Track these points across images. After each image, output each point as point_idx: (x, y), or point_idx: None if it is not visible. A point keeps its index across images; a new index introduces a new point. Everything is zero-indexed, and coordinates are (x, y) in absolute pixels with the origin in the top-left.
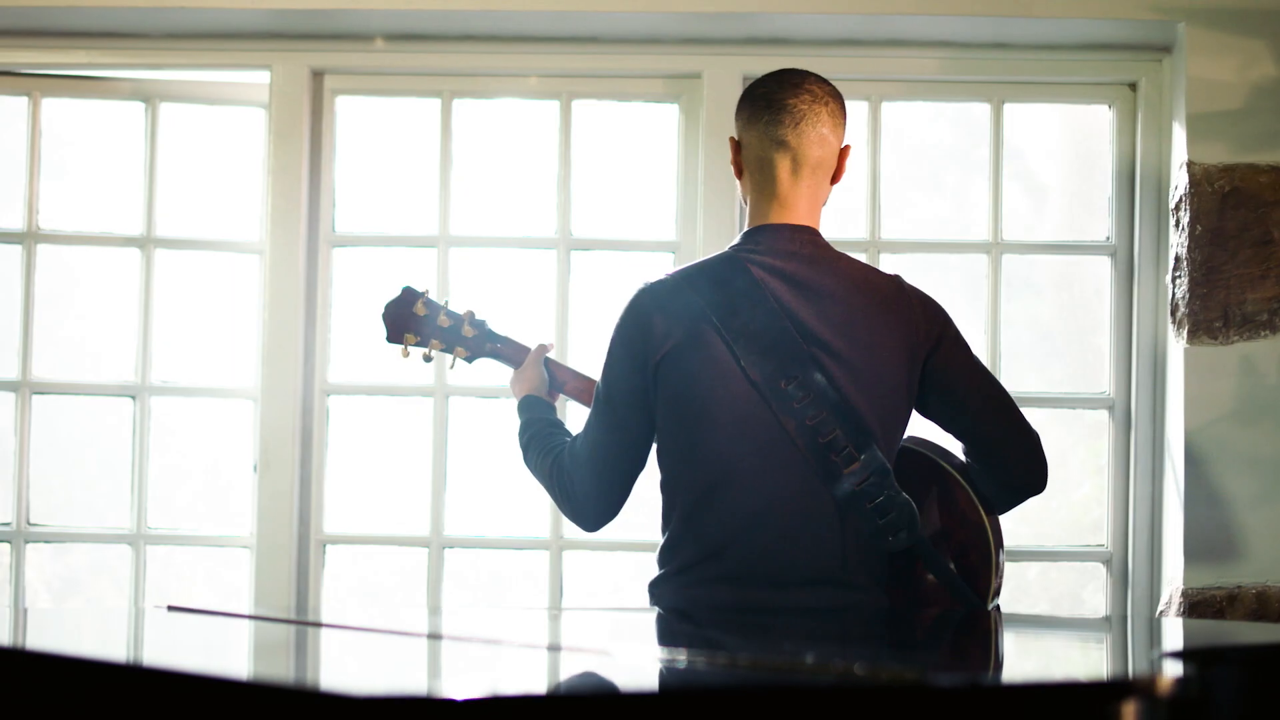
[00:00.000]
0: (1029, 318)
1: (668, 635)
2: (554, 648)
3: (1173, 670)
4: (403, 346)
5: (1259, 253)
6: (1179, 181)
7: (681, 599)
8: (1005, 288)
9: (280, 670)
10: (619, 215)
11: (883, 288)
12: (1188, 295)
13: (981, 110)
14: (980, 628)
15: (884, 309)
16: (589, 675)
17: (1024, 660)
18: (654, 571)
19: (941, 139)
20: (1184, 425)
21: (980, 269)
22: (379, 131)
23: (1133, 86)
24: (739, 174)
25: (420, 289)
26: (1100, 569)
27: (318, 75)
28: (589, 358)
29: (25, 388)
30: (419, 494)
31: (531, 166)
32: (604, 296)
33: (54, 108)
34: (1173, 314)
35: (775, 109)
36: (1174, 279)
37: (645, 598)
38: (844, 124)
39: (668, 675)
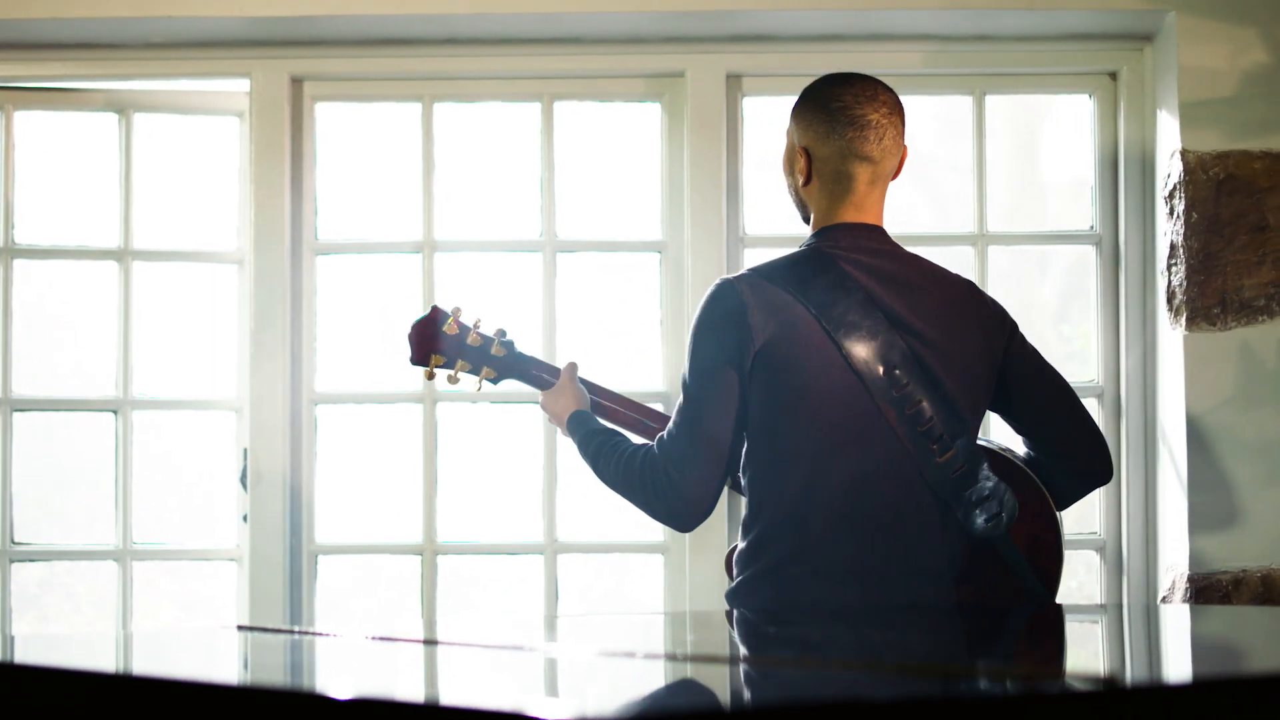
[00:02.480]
0: None
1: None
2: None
3: None
4: (428, 368)
5: (1255, 239)
6: (1172, 170)
7: (775, 599)
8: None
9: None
10: (604, 216)
11: (959, 285)
12: (1185, 283)
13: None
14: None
15: (963, 305)
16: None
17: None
18: (651, 571)
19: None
20: (1185, 411)
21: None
22: (360, 138)
23: (1113, 76)
24: (806, 181)
25: (448, 308)
26: (1068, 556)
27: (297, 82)
28: (575, 359)
29: (6, 405)
30: (410, 501)
31: (515, 169)
32: (591, 298)
33: (27, 120)
34: (1169, 301)
35: (859, 125)
36: (1170, 267)
37: (641, 599)
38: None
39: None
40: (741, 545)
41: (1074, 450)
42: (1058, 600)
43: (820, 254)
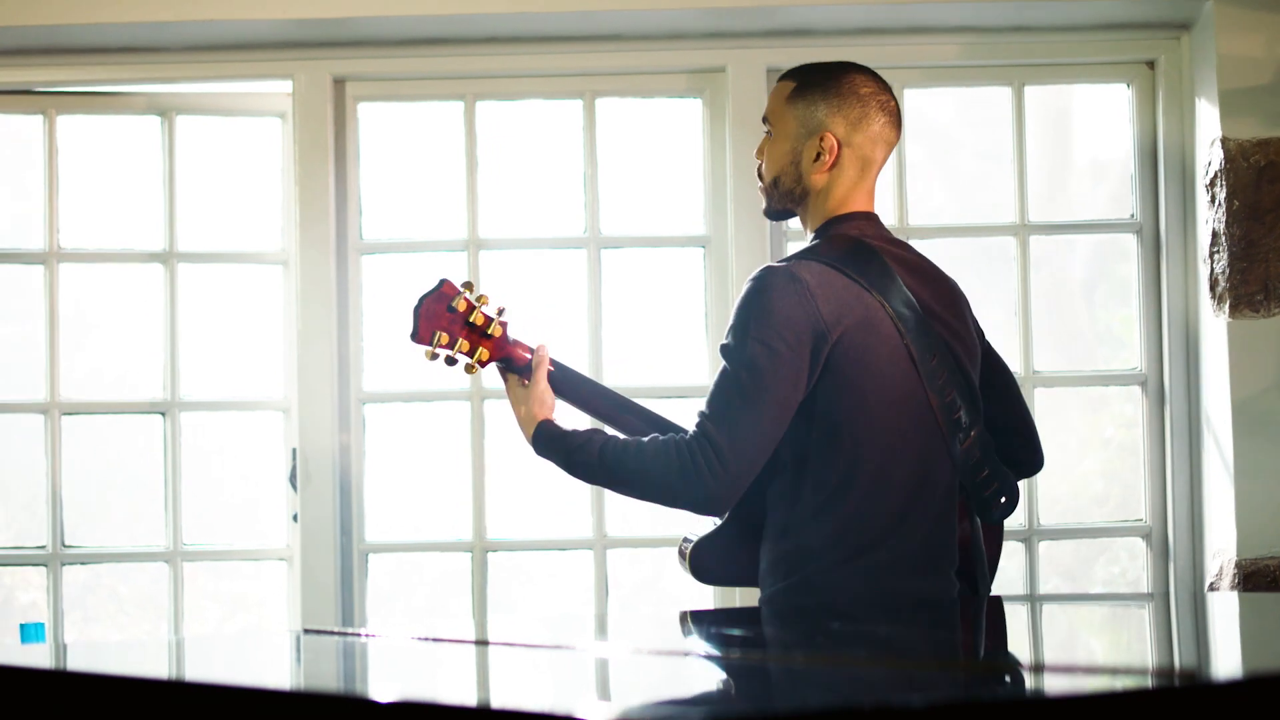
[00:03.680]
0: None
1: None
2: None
3: None
4: (430, 347)
5: None
6: (1213, 158)
7: (847, 589)
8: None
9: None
10: (647, 212)
11: (950, 278)
12: (1228, 270)
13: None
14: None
15: (959, 297)
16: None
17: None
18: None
19: None
20: (1229, 398)
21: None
22: (403, 137)
23: (1151, 65)
24: (829, 167)
25: (459, 282)
26: (1112, 543)
27: (339, 83)
28: (620, 355)
29: (54, 409)
30: (460, 498)
31: (558, 166)
32: (634, 293)
33: (69, 125)
34: (1212, 289)
35: (887, 111)
36: (1212, 254)
37: (683, 594)
38: None
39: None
40: (802, 541)
41: (1020, 442)
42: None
43: (861, 242)
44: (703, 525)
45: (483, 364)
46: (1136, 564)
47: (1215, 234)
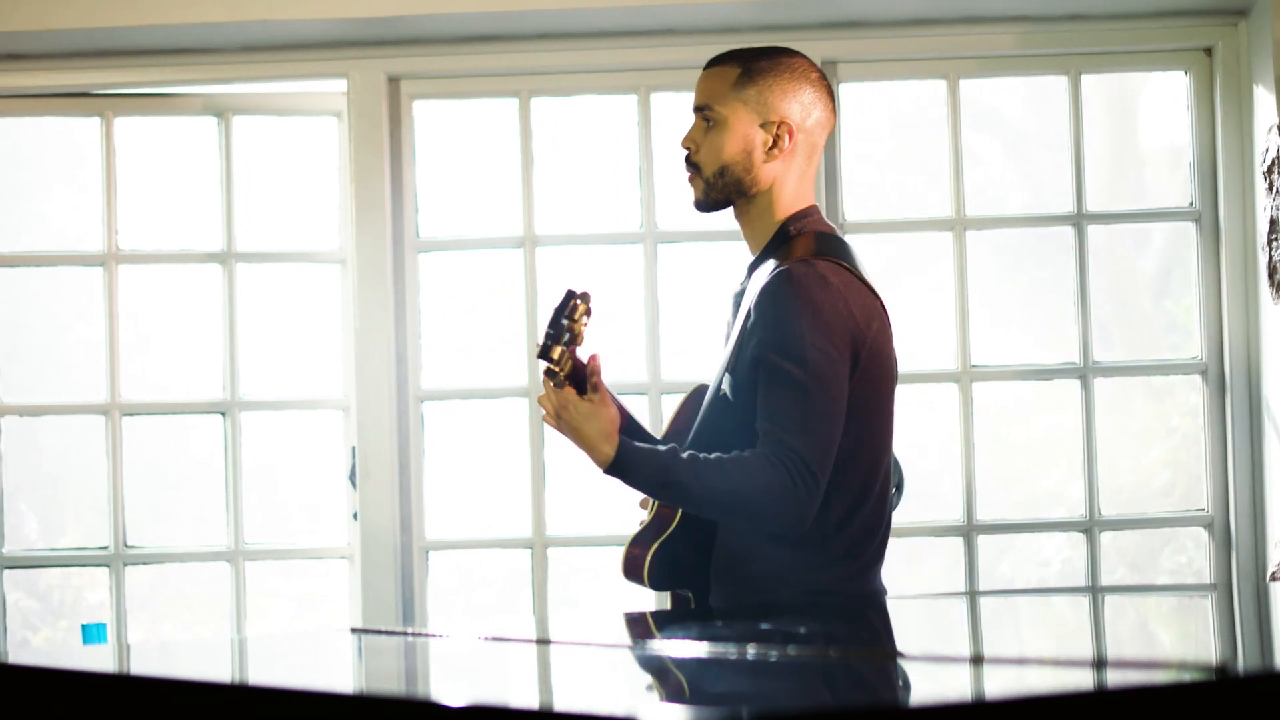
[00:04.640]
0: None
1: None
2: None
3: None
4: (550, 363)
5: None
6: (1270, 144)
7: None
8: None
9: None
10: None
11: None
12: None
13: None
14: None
15: None
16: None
17: None
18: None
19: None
20: None
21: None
22: (458, 134)
23: (1208, 52)
24: (784, 156)
25: (579, 290)
26: (1176, 533)
27: (394, 81)
28: (677, 349)
29: (115, 410)
30: (519, 495)
31: (613, 161)
32: (691, 287)
33: (126, 126)
34: (1270, 277)
35: (833, 99)
36: (1270, 242)
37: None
38: None
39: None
40: (817, 551)
41: None
42: None
43: (840, 238)
44: (642, 531)
45: (566, 376)
46: (1202, 554)
47: (1273, 221)
